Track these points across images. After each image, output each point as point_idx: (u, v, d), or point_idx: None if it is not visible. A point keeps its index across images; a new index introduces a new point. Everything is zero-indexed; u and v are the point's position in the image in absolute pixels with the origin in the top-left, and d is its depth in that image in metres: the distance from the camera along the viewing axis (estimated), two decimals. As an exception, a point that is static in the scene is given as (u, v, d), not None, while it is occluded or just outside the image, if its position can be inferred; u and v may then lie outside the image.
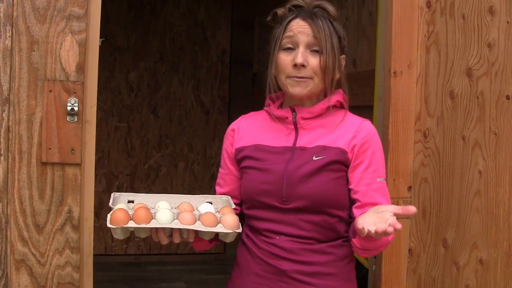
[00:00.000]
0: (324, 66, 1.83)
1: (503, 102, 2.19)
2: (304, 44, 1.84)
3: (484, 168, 2.25)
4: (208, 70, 5.85)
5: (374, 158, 1.86)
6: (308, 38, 1.83)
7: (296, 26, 1.85)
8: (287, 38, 1.86)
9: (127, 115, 5.66)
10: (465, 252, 2.32)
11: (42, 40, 2.07)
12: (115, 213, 1.72)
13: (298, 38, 1.84)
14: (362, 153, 1.85)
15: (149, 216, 1.74)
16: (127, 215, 1.72)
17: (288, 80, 1.86)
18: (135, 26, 5.63)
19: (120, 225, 1.70)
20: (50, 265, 2.11)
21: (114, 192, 1.93)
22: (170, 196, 1.92)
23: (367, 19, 3.35)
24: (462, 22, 2.36)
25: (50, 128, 2.08)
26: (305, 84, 1.85)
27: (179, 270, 5.45)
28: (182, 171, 5.85)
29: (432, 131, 2.49)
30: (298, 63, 1.82)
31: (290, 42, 1.86)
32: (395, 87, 2.49)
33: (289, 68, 1.85)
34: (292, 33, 1.85)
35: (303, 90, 1.86)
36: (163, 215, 1.75)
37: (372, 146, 1.87)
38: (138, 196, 1.91)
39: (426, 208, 2.50)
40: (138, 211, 1.74)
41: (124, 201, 1.88)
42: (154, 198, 1.90)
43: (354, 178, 1.85)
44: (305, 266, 1.84)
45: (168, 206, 1.83)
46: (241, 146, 1.96)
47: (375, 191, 1.84)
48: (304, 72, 1.84)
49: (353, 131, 1.87)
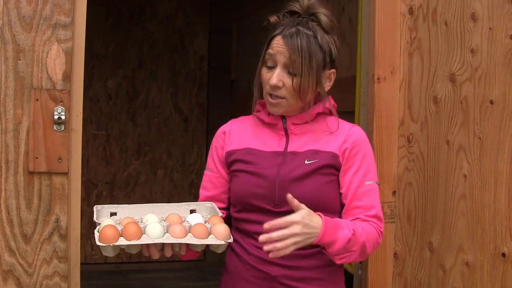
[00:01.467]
0: (297, 88, 1.84)
1: (486, 106, 2.22)
2: (281, 64, 1.85)
3: (469, 172, 2.28)
4: (186, 77, 5.85)
5: (364, 161, 1.87)
6: (285, 59, 1.84)
7: (276, 45, 1.85)
8: (268, 55, 1.88)
9: (105, 122, 5.63)
10: (451, 255, 2.34)
11: (28, 48, 2.06)
12: (104, 231, 1.68)
13: (277, 57, 1.85)
14: (352, 157, 1.87)
15: (139, 231, 1.71)
16: (117, 232, 1.69)
17: (267, 97, 1.89)
18: (114, 33, 5.61)
19: (110, 242, 1.66)
20: (38, 275, 2.09)
21: (95, 205, 1.89)
22: (153, 206, 1.90)
23: (347, 25, 3.37)
24: (445, 28, 2.39)
25: (37, 137, 2.07)
26: (279, 105, 1.88)
27: (160, 278, 5.43)
28: (161, 178, 5.83)
29: (416, 136, 2.51)
30: (272, 85, 1.85)
31: (270, 60, 1.87)
32: (379, 93, 2.51)
33: (268, 86, 1.87)
34: (272, 51, 1.86)
35: (278, 110, 1.89)
36: (153, 230, 1.72)
37: (362, 150, 1.88)
38: (121, 207, 1.88)
39: (411, 212, 2.52)
40: (128, 227, 1.70)
41: (107, 214, 1.85)
42: (137, 209, 1.87)
43: (345, 182, 1.87)
44: (294, 271, 1.84)
45: (157, 219, 1.80)
46: (232, 149, 1.97)
47: (364, 194, 1.85)
48: (279, 92, 1.85)
49: (344, 135, 1.89)
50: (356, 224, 1.79)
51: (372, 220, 1.84)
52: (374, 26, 2.52)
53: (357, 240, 1.76)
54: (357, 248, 1.77)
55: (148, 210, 1.87)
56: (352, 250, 1.76)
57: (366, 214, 1.84)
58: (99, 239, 1.68)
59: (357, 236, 1.76)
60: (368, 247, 1.80)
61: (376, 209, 1.86)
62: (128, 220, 1.77)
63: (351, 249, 1.76)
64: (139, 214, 1.85)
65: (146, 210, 1.87)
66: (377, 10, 2.51)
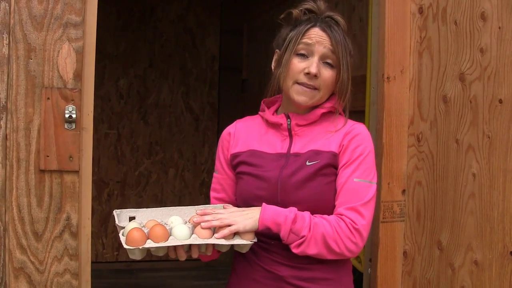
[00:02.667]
0: (340, 81, 1.85)
1: (496, 106, 2.21)
2: (319, 55, 1.85)
3: (478, 171, 2.27)
4: (197, 77, 5.87)
5: (358, 158, 1.84)
6: (325, 49, 1.85)
7: (315, 35, 1.86)
8: (303, 44, 1.86)
9: (117, 122, 5.66)
10: (460, 254, 2.34)
11: (39, 47, 2.07)
12: (131, 233, 1.69)
13: (315, 47, 1.85)
14: (348, 153, 1.85)
15: (166, 233, 1.72)
16: (144, 235, 1.70)
17: (295, 86, 1.87)
18: (125, 33, 5.64)
19: (139, 245, 1.67)
20: (49, 273, 2.11)
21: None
22: (170, 209, 1.91)
23: (357, 25, 3.38)
24: (455, 28, 2.39)
25: (48, 135, 2.08)
26: (312, 95, 1.86)
27: (171, 276, 5.44)
28: (172, 177, 5.85)
29: (425, 135, 2.51)
30: (312, 73, 1.83)
31: (305, 49, 1.86)
32: (388, 92, 2.51)
33: (301, 75, 1.86)
34: (310, 41, 1.85)
35: (308, 100, 1.87)
36: (180, 231, 1.73)
37: (359, 147, 1.86)
38: (139, 211, 1.89)
39: (420, 211, 2.52)
40: (155, 229, 1.71)
41: (126, 218, 1.87)
42: (156, 213, 1.89)
43: (337, 178, 1.86)
44: (302, 271, 1.85)
45: (181, 220, 1.82)
46: (236, 152, 1.97)
47: (348, 191, 1.81)
48: (314, 82, 1.85)
49: (344, 133, 1.89)
50: (309, 213, 1.78)
51: (346, 215, 1.78)
52: (384, 26, 2.52)
53: (308, 226, 1.74)
54: (310, 235, 1.74)
55: (167, 214, 1.89)
56: (302, 235, 1.74)
57: (341, 209, 1.80)
58: (126, 242, 1.68)
59: (304, 220, 1.75)
60: (331, 240, 1.75)
61: (355, 205, 1.79)
62: (153, 222, 1.78)
63: (300, 233, 1.74)
64: (158, 218, 1.86)
65: (165, 214, 1.89)
66: (387, 10, 2.51)
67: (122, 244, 1.72)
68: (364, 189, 1.82)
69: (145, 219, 1.86)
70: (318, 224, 1.76)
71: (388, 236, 2.49)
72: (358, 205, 1.79)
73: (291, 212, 1.76)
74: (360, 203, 1.80)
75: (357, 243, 1.78)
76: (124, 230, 1.75)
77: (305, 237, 1.74)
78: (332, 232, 1.76)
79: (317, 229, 1.75)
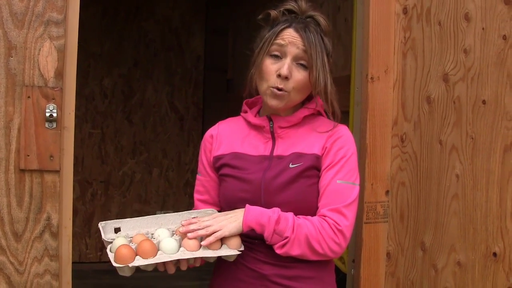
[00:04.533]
0: (314, 81, 1.83)
1: (479, 106, 2.21)
2: (292, 56, 1.84)
3: (461, 172, 2.27)
4: (182, 77, 5.86)
5: (341, 160, 1.84)
6: (298, 50, 1.83)
7: (288, 36, 1.84)
8: (276, 45, 1.85)
9: (101, 121, 5.63)
10: (443, 255, 2.34)
11: (20, 45, 2.05)
12: (119, 251, 1.67)
13: (288, 48, 1.84)
14: (330, 155, 1.85)
15: (154, 249, 1.70)
16: (132, 251, 1.68)
17: (269, 90, 1.86)
18: (109, 32, 5.61)
19: (128, 263, 1.65)
20: (28, 274, 2.08)
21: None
22: (155, 218, 1.90)
23: (342, 25, 3.38)
24: (439, 28, 2.39)
25: (29, 134, 2.06)
26: (282, 98, 1.85)
27: (155, 277, 5.37)
28: (156, 177, 5.83)
29: (409, 135, 2.51)
30: (283, 75, 1.82)
31: (278, 50, 1.85)
32: (372, 92, 2.51)
33: (273, 78, 1.85)
34: (283, 42, 1.84)
35: (280, 103, 1.86)
36: (168, 245, 1.72)
37: (342, 149, 1.86)
38: (124, 222, 1.87)
39: (404, 211, 2.52)
40: (143, 245, 1.70)
41: (111, 230, 1.84)
42: (140, 222, 1.87)
43: (320, 179, 1.85)
44: (286, 270, 1.84)
45: (168, 233, 1.80)
46: (219, 154, 1.96)
47: (331, 192, 1.81)
48: (285, 85, 1.83)
49: (326, 135, 1.88)
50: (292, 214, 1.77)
51: (329, 216, 1.78)
52: (368, 26, 2.52)
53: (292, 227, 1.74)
54: (294, 236, 1.74)
55: (151, 222, 1.87)
56: (285, 236, 1.73)
57: (324, 210, 1.80)
58: (115, 259, 1.67)
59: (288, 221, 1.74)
60: (314, 241, 1.75)
61: (338, 207, 1.79)
62: (140, 237, 1.76)
63: (283, 234, 1.73)
64: (143, 227, 1.85)
65: (150, 223, 1.87)
66: (371, 10, 2.51)
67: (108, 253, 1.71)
68: (347, 191, 1.82)
69: (131, 229, 1.84)
70: (301, 225, 1.75)
71: (371, 237, 2.49)
72: (341, 207, 1.79)
73: (274, 213, 1.75)
74: (343, 204, 1.80)
75: (340, 244, 1.78)
76: (112, 246, 1.73)
77: (288, 238, 1.74)
78: (315, 233, 1.75)
79: (300, 230, 1.75)
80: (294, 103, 1.89)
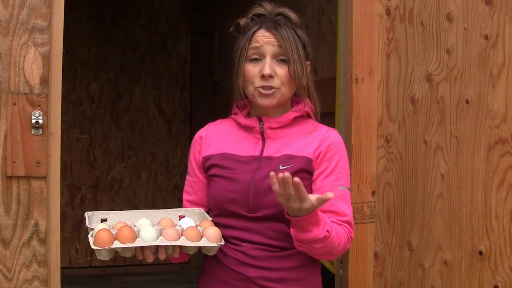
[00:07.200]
0: (293, 74, 1.85)
1: (462, 106, 2.23)
2: (270, 55, 1.86)
3: (446, 171, 2.29)
4: (169, 80, 5.86)
5: (338, 166, 1.87)
6: (274, 48, 1.85)
7: (261, 37, 1.86)
8: (253, 49, 1.87)
9: (89, 126, 5.63)
10: (430, 254, 2.36)
11: (5, 53, 2.05)
12: (98, 234, 1.69)
13: (264, 48, 1.86)
14: (326, 160, 1.87)
15: (134, 235, 1.71)
16: (111, 235, 1.69)
17: (256, 91, 1.87)
18: (96, 37, 5.61)
19: (105, 246, 1.66)
20: (17, 280, 2.08)
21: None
22: (142, 212, 1.91)
23: (327, 27, 3.39)
24: (421, 29, 2.41)
25: (15, 141, 2.06)
26: (273, 96, 1.87)
27: (145, 281, 5.42)
28: (145, 181, 5.84)
29: (394, 136, 2.53)
30: (266, 74, 1.84)
31: (256, 53, 1.87)
32: (357, 93, 2.52)
33: (257, 79, 1.86)
34: (257, 44, 1.86)
35: (272, 101, 1.87)
36: (147, 233, 1.73)
37: (337, 154, 1.88)
38: (111, 213, 1.88)
39: (390, 212, 2.54)
40: (122, 230, 1.71)
41: (98, 220, 1.86)
42: (127, 215, 1.88)
43: (316, 186, 1.86)
44: (271, 272, 1.85)
45: (150, 223, 1.81)
46: (208, 154, 1.97)
47: (336, 199, 1.81)
48: (272, 82, 1.85)
49: (319, 139, 1.89)
50: (332, 226, 1.78)
51: (345, 225, 1.83)
52: (351, 27, 2.53)
53: (327, 242, 1.74)
54: (321, 247, 1.74)
55: (138, 216, 1.88)
56: (314, 247, 1.74)
57: (339, 219, 1.83)
58: (93, 242, 1.68)
59: (330, 238, 1.75)
60: (337, 251, 1.80)
61: (348, 216, 1.85)
62: (121, 224, 1.77)
63: (314, 245, 1.74)
64: (129, 220, 1.85)
65: (136, 216, 1.88)
66: (355, 11, 2.52)
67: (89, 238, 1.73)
68: (347, 197, 1.88)
69: (116, 221, 1.85)
70: (334, 238, 1.77)
71: (358, 237, 2.50)
72: (350, 215, 1.86)
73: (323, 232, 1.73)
74: (351, 213, 1.86)
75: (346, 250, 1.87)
76: (93, 232, 1.75)
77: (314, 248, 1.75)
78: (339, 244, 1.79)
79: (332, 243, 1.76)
80: (286, 97, 1.91)
